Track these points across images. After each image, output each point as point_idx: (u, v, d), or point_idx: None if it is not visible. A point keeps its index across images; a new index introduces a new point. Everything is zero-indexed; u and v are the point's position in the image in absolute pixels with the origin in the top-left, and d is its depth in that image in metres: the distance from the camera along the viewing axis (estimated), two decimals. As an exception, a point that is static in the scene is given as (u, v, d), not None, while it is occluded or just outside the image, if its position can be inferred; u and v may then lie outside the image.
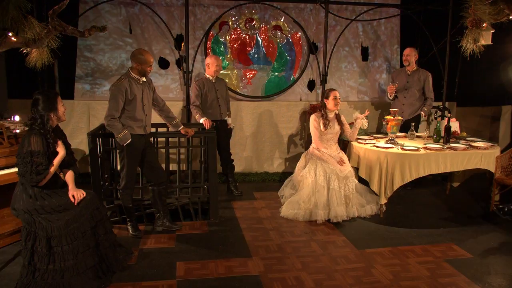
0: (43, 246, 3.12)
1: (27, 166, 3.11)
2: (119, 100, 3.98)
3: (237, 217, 4.81)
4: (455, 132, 5.38)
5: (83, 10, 5.78)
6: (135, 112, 4.10)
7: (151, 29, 6.05)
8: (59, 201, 3.23)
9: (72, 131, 5.88)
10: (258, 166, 6.41)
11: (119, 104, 3.99)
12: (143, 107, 4.15)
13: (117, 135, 4.01)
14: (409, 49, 5.73)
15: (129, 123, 4.10)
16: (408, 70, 5.72)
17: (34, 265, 3.13)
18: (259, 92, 6.44)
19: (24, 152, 3.13)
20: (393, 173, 4.56)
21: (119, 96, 3.98)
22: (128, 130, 4.06)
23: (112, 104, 3.99)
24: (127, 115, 4.09)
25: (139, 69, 4.07)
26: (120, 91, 3.98)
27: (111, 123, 4.00)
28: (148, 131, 4.30)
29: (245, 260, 3.77)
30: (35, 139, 3.16)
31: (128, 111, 4.08)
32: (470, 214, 5.00)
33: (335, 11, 6.30)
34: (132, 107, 4.08)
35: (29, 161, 3.12)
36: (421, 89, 5.70)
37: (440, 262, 3.79)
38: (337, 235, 4.34)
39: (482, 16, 4.94)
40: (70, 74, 5.97)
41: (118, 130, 4.00)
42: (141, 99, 4.13)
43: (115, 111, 3.99)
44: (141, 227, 4.43)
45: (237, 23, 6.27)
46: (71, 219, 3.20)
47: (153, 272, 3.53)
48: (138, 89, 4.10)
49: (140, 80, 4.12)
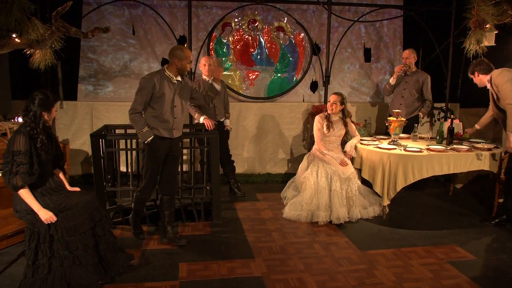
0: (46, 242, 3.11)
1: (7, 165, 3.02)
2: (145, 94, 3.76)
3: (240, 218, 4.81)
4: (458, 133, 5.37)
5: (86, 11, 5.80)
6: (162, 112, 3.85)
7: (154, 30, 6.07)
8: (59, 200, 3.22)
9: (75, 132, 5.90)
10: (260, 167, 6.41)
11: (144, 98, 3.77)
12: (172, 108, 3.89)
13: (138, 131, 3.84)
14: (408, 51, 5.70)
15: (154, 123, 3.86)
16: (407, 71, 5.70)
17: (38, 264, 3.12)
18: (262, 93, 6.44)
19: (7, 151, 3.04)
20: (396, 175, 4.55)
21: (145, 90, 3.76)
22: (153, 131, 3.85)
23: (136, 97, 3.81)
24: (153, 114, 3.86)
25: (178, 66, 3.82)
26: (147, 85, 3.76)
27: (133, 117, 3.83)
28: (176, 135, 3.99)
29: (248, 261, 3.77)
30: (19, 138, 3.05)
31: (155, 110, 3.84)
32: (473, 215, 4.98)
33: (338, 12, 6.30)
34: (159, 106, 3.83)
35: (10, 161, 3.02)
36: (419, 91, 5.68)
37: (443, 263, 3.78)
38: (339, 237, 4.33)
39: (485, 17, 4.94)
40: (73, 75, 6.00)
41: (139, 125, 3.82)
42: (171, 99, 3.86)
43: (138, 104, 3.79)
44: (144, 227, 4.43)
45: (240, 24, 6.28)
46: (71, 216, 3.19)
47: (155, 273, 3.53)
48: (170, 89, 3.84)
49: (174, 79, 3.86)
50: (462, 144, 4.97)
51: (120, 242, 4.01)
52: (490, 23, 5.02)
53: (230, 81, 6.31)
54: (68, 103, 5.91)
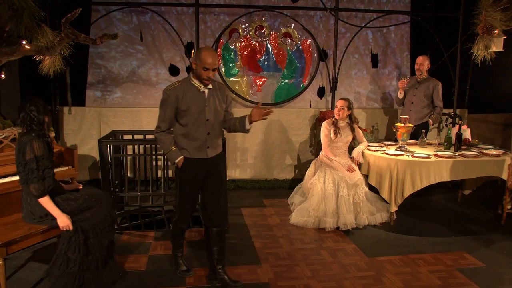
0: (80, 238, 3.16)
1: (33, 172, 3.08)
2: (168, 109, 3.21)
3: (247, 224, 4.80)
4: (467, 139, 5.33)
5: (95, 18, 5.86)
6: (191, 129, 3.25)
7: (162, 37, 6.11)
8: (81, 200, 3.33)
9: (83, 137, 5.94)
10: (267, 173, 6.40)
11: (168, 114, 3.22)
12: (204, 122, 3.25)
13: (165, 151, 3.31)
14: (422, 57, 5.65)
15: (184, 143, 3.28)
16: (418, 77, 5.68)
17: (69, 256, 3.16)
18: (269, 99, 6.45)
19: (28, 159, 3.09)
20: (404, 181, 4.52)
21: (167, 103, 3.20)
22: (182, 152, 3.28)
23: (159, 113, 3.28)
24: (181, 132, 3.28)
25: (196, 71, 3.19)
26: (168, 98, 3.19)
27: (157, 136, 3.31)
28: (211, 154, 3.33)
29: (255, 267, 3.76)
30: (37, 144, 3.12)
31: (183, 126, 3.26)
32: (482, 222, 4.94)
33: (345, 18, 6.31)
34: (186, 121, 3.24)
35: (36, 167, 3.08)
36: (429, 97, 5.64)
37: (451, 270, 3.74)
38: (347, 243, 4.31)
39: (493, 23, 4.93)
40: (82, 81, 6.06)
41: (165, 145, 3.28)
42: (202, 112, 3.23)
43: (161, 121, 3.26)
44: (151, 233, 4.44)
45: (247, 30, 6.30)
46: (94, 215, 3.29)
47: (162, 279, 3.53)
48: (197, 99, 3.22)
49: (202, 87, 3.23)
50: (470, 150, 4.94)
51: (127, 247, 4.04)
52: (498, 28, 5.00)
53: (237, 87, 6.33)
54: (76, 108, 5.96)
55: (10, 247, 3.14)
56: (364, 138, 5.10)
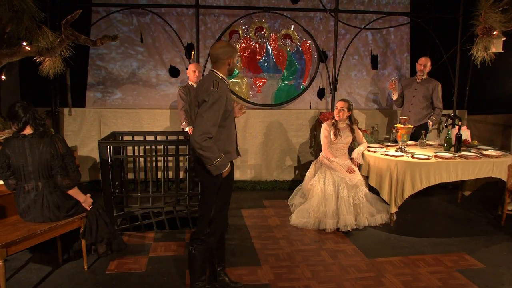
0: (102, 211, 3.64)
1: (70, 164, 3.36)
2: (220, 111, 2.84)
3: (247, 225, 4.80)
4: (466, 140, 5.33)
5: (95, 19, 5.87)
6: (231, 129, 3.03)
7: (162, 38, 6.12)
8: None
9: (83, 138, 5.95)
10: (268, 174, 6.41)
11: (219, 116, 2.85)
12: (234, 119, 3.11)
13: (213, 161, 2.84)
14: (425, 58, 5.66)
15: (228, 146, 3.00)
16: (418, 78, 5.69)
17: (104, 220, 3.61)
18: (269, 101, 6.46)
19: (63, 152, 3.33)
20: (404, 182, 4.53)
21: (219, 104, 2.82)
22: (227, 156, 2.96)
23: (208, 117, 2.80)
24: (225, 134, 2.98)
25: (232, 65, 3.04)
26: (221, 99, 2.84)
27: (205, 145, 2.77)
28: None
29: (255, 269, 3.76)
30: (62, 140, 3.39)
31: (224, 128, 2.95)
32: (482, 223, 4.94)
33: (345, 19, 6.32)
34: (229, 122, 2.99)
35: (71, 160, 3.37)
36: (428, 98, 5.65)
37: (451, 272, 3.74)
38: (347, 244, 4.31)
39: (493, 24, 4.93)
40: (82, 82, 6.07)
41: (215, 154, 2.84)
42: (233, 109, 3.06)
43: (212, 126, 2.80)
44: (151, 234, 4.44)
45: (247, 32, 6.31)
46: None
47: (163, 279, 3.53)
48: (231, 97, 3.04)
49: (230, 83, 3.12)
50: (470, 151, 4.94)
51: (128, 248, 4.03)
52: (497, 29, 5.01)
53: (237, 88, 6.34)
54: (77, 110, 5.97)
55: (10, 248, 3.14)
56: (364, 139, 5.11)
